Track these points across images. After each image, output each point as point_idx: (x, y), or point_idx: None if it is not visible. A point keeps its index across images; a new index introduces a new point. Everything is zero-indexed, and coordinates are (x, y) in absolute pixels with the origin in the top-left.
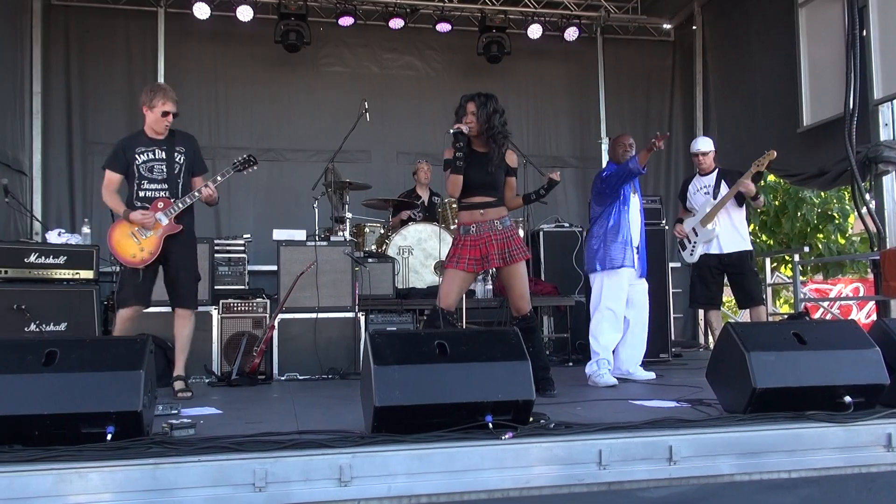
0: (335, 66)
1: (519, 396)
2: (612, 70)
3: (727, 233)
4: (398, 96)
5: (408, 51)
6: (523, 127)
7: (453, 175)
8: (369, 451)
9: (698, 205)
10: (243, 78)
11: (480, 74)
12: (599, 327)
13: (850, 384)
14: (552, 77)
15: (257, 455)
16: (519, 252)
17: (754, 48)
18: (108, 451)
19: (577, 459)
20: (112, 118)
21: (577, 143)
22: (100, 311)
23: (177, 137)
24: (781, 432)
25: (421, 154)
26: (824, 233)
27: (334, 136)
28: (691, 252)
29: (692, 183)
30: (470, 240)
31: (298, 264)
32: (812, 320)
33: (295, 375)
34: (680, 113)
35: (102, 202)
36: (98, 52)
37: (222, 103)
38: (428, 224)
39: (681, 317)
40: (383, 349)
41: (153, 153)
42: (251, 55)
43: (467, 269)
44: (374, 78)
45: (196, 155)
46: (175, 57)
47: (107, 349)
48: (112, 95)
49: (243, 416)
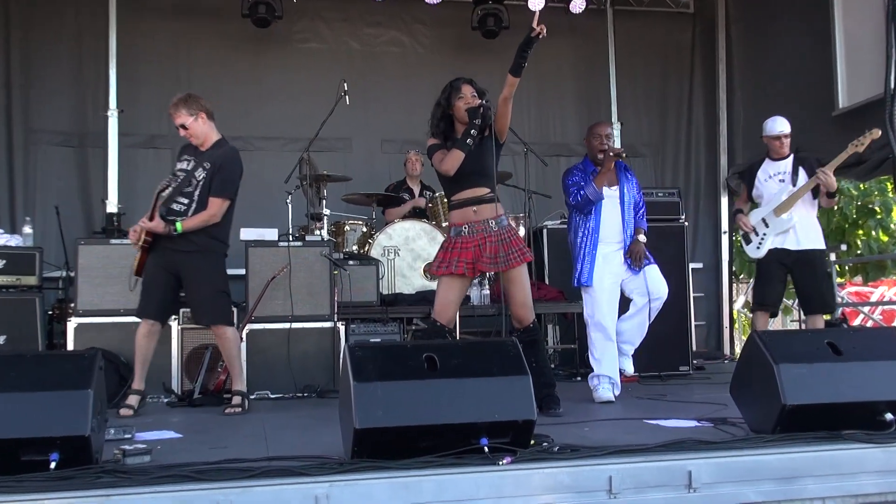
0: (311, 43)
1: (519, 416)
2: (623, 46)
3: (805, 226)
4: (382, 76)
5: (393, 25)
6: (524, 111)
7: (457, 151)
8: (349, 480)
9: (770, 193)
10: (207, 57)
11: (475, 51)
12: (591, 344)
13: (892, 400)
14: (556, 54)
15: (222, 485)
16: (518, 255)
17: (784, 20)
18: (51, 482)
19: (585, 487)
20: (58, 104)
21: (584, 129)
22: (44, 323)
23: (212, 154)
24: (814, 454)
25: (409, 142)
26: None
27: (310, 122)
28: (758, 245)
29: (762, 169)
30: (462, 241)
31: (269, 267)
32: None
33: (266, 394)
34: (700, 94)
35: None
36: (43, 30)
37: (184, 86)
38: (417, 221)
39: (703, 324)
40: (364, 364)
41: (187, 163)
42: (216, 31)
43: (457, 272)
44: (355, 56)
45: (219, 172)
46: (130, 35)
47: (51, 365)
48: (58, 78)
49: (206, 440)
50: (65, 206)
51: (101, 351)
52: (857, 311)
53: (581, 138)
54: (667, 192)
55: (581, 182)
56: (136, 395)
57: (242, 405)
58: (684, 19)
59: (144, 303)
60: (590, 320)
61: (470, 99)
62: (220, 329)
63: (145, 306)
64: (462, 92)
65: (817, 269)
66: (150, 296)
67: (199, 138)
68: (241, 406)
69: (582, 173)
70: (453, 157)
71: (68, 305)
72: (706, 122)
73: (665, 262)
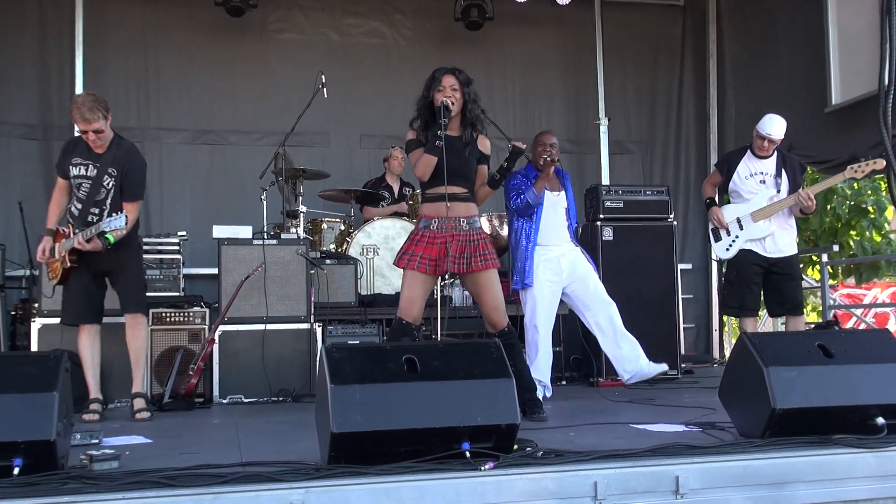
0: (287, 33)
1: (502, 420)
2: (612, 39)
3: (781, 234)
4: (362, 69)
5: (373, 15)
6: (509, 105)
7: (428, 155)
8: (325, 486)
9: (747, 192)
10: (178, 47)
11: (458, 43)
12: (527, 345)
13: (884, 403)
14: (543, 47)
15: (193, 491)
16: (481, 259)
17: (777, 15)
18: (15, 488)
19: (569, 493)
20: (20, 94)
21: (571, 125)
22: (6, 323)
23: (114, 156)
24: (804, 459)
25: (389, 138)
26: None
27: (286, 116)
28: (728, 246)
29: (742, 163)
30: (429, 236)
31: (243, 266)
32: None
33: (239, 398)
34: (691, 89)
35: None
36: (4, 17)
37: (153, 77)
38: (397, 219)
39: (692, 327)
40: (342, 366)
41: (85, 168)
42: (187, 19)
43: (419, 270)
44: (334, 47)
45: (127, 177)
46: (96, 21)
47: (14, 367)
48: (21, 67)
49: (177, 445)
50: (28, 201)
51: (67, 352)
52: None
53: (569, 134)
54: (655, 191)
55: (522, 186)
56: (97, 403)
57: (149, 409)
58: (674, 12)
59: (80, 309)
60: (528, 323)
61: (449, 92)
62: (139, 318)
63: (83, 312)
64: (442, 84)
65: (794, 274)
66: (85, 300)
67: (105, 142)
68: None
69: (523, 178)
70: (423, 162)
71: (32, 305)
72: (696, 118)
73: (653, 262)
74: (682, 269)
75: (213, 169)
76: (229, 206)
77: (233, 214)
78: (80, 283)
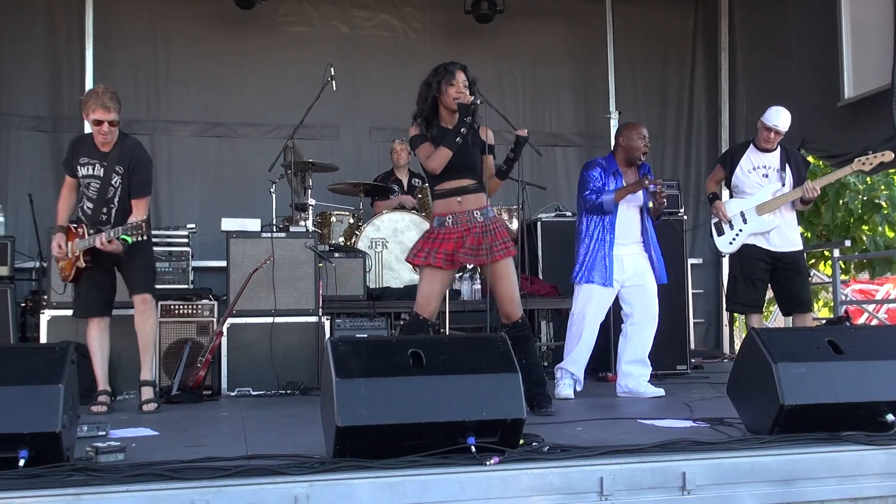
0: (297, 26)
1: (507, 415)
2: (623, 32)
3: (786, 228)
4: (371, 62)
5: (383, 8)
6: (518, 99)
7: (446, 150)
8: (330, 480)
9: (751, 186)
10: (187, 39)
11: (468, 37)
12: (570, 337)
13: (894, 400)
14: (553, 40)
15: (197, 484)
16: (501, 248)
17: (789, 8)
18: (20, 480)
19: (575, 489)
20: (30, 86)
21: (581, 119)
22: (16, 315)
23: (120, 153)
24: (813, 456)
25: (398, 130)
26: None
27: (295, 109)
28: (731, 240)
29: (745, 157)
30: (444, 232)
31: (252, 259)
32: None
33: (247, 391)
34: (702, 82)
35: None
36: (14, 10)
37: (162, 69)
38: (406, 213)
39: (702, 322)
40: (347, 359)
41: (93, 168)
42: (196, 12)
43: (435, 265)
44: (343, 40)
45: (134, 174)
46: (105, 14)
47: (20, 359)
48: (31, 60)
49: (183, 438)
50: (38, 193)
51: (75, 345)
52: (861, 310)
53: (578, 128)
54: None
55: (600, 185)
56: (106, 395)
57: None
58: (686, 5)
59: (91, 303)
60: (577, 313)
61: (462, 88)
62: (148, 300)
63: (95, 306)
64: (455, 79)
65: (801, 270)
66: (97, 294)
67: (113, 139)
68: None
69: (603, 172)
70: (440, 156)
71: (42, 297)
72: (707, 112)
73: (663, 256)
74: (692, 263)
75: (222, 162)
76: (238, 199)
77: (242, 207)
78: (92, 279)
